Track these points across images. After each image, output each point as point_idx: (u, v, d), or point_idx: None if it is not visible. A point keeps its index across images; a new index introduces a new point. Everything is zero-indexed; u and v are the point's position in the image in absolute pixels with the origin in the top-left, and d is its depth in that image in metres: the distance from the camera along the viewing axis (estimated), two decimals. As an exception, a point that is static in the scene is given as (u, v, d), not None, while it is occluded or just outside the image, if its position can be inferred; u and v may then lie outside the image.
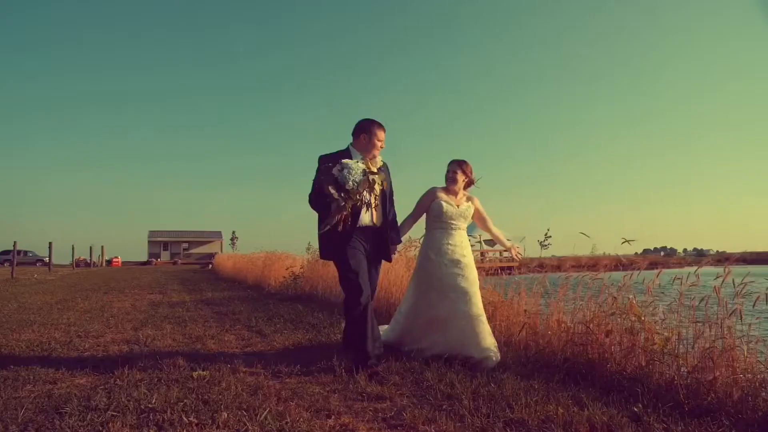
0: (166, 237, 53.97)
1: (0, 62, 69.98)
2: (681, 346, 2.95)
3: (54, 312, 6.91)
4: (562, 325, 3.74)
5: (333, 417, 2.32)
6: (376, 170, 3.38)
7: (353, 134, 3.58)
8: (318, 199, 3.30)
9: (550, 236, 40.86)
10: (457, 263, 3.73)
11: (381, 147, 3.57)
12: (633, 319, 3.34)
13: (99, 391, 2.66)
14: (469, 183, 4.01)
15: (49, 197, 79.09)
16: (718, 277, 2.86)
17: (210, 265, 27.87)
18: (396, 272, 6.18)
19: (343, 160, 3.29)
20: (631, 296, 3.45)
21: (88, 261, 34.80)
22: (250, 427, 2.11)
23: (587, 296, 3.75)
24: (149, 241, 53.50)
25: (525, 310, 4.23)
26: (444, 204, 3.84)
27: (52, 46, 75.58)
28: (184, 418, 2.19)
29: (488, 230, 4.25)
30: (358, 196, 3.22)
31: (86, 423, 2.16)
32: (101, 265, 36.91)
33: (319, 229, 3.36)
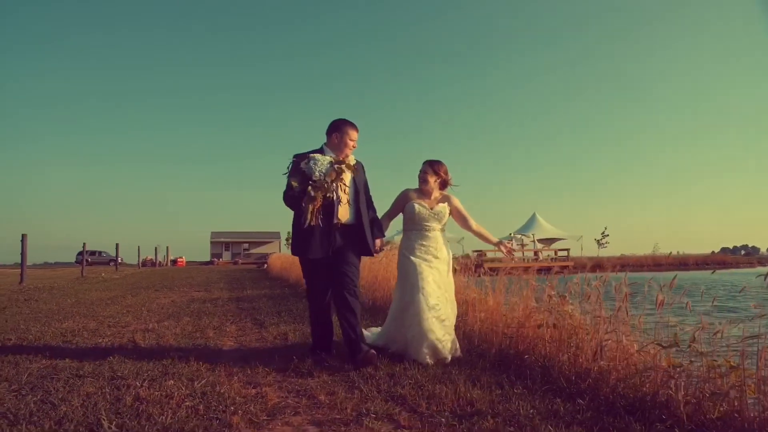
0: (227, 238, 57.16)
1: (70, 60, 76.24)
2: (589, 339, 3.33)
3: (101, 306, 8.00)
4: (504, 319, 4.17)
5: (256, 388, 2.95)
6: (351, 164, 3.51)
7: (327, 133, 3.71)
8: (288, 194, 3.49)
9: (608, 235, 39.40)
10: (428, 264, 3.87)
11: (353, 146, 3.70)
12: (562, 314, 3.73)
13: (90, 364, 3.44)
14: (444, 183, 4.09)
15: (119, 200, 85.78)
16: (599, 280, 3.22)
17: (265, 265, 29.42)
18: (383, 276, 6.80)
19: (311, 155, 3.46)
20: (558, 293, 3.84)
21: (154, 261, 37.75)
22: (183, 390, 2.78)
23: (525, 293, 4.15)
24: (211, 242, 56.96)
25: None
26: (416, 206, 3.97)
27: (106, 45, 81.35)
28: (138, 383, 2.90)
29: (469, 229, 4.25)
30: (326, 186, 3.36)
31: (68, 385, 2.92)
32: (166, 264, 39.86)
33: (294, 224, 3.60)
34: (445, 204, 4.07)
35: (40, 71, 79.36)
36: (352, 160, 3.72)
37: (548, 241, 33.98)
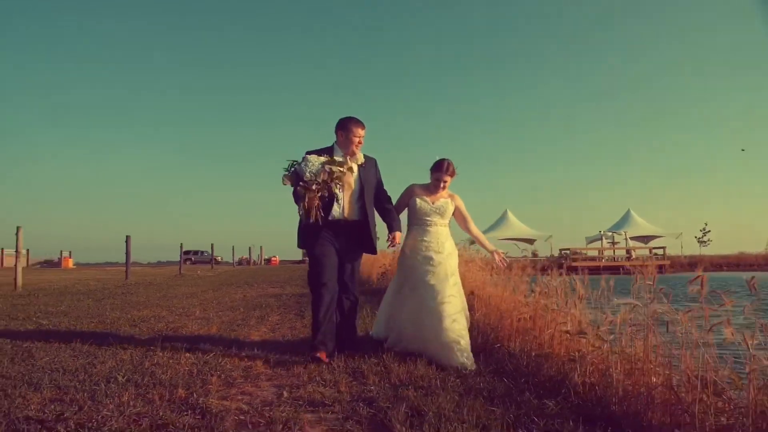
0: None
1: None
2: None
3: (181, 299, 9.28)
4: (497, 313, 4.60)
5: (252, 361, 3.67)
6: (349, 165, 3.75)
7: (335, 131, 3.92)
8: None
9: (709, 231, 36.08)
10: (429, 260, 3.93)
11: (359, 143, 3.85)
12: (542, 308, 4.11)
13: (137, 340, 4.41)
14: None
15: (226, 200, 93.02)
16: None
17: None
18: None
19: (307, 155, 3.69)
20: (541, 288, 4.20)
21: (249, 260, 40.89)
22: (192, 359, 3.59)
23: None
24: (304, 241, 60.13)
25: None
26: (418, 201, 4.11)
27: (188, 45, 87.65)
28: (161, 353, 3.77)
29: (468, 231, 4.37)
30: (315, 186, 3.58)
31: (112, 353, 3.86)
32: (260, 263, 42.96)
33: (300, 220, 3.80)
34: (449, 200, 4.19)
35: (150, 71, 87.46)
36: (360, 156, 3.91)
37: (644, 239, 32.27)
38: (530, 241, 36.20)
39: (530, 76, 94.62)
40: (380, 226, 4.19)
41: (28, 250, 36.48)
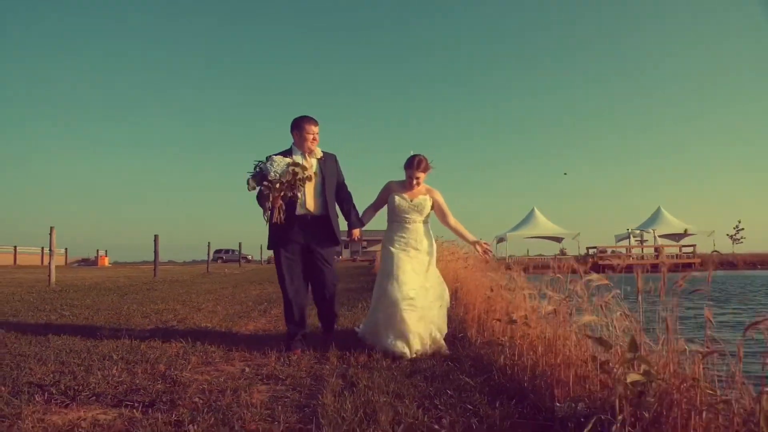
0: (347, 236, 60.75)
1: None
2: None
3: (199, 295, 9.89)
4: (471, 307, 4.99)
5: (234, 345, 4.18)
6: (308, 162, 3.97)
7: (290, 133, 4.07)
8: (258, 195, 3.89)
9: (743, 229, 34.91)
10: (407, 254, 4.09)
11: (313, 140, 4.01)
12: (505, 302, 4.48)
13: (142, 329, 4.98)
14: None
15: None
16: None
17: (375, 261, 31.42)
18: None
19: (272, 156, 3.85)
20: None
21: (278, 259, 41.98)
22: (183, 344, 4.11)
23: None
24: (334, 240, 61.13)
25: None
26: (396, 198, 4.20)
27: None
28: (157, 339, 4.32)
29: (447, 224, 4.41)
30: (279, 185, 3.74)
31: (115, 338, 4.42)
32: (290, 262, 43.91)
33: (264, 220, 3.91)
34: (427, 196, 4.25)
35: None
36: (318, 152, 4.09)
37: (675, 237, 31.72)
38: (558, 240, 36.11)
39: (558, 76, 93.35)
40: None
41: (66, 249, 38.43)
